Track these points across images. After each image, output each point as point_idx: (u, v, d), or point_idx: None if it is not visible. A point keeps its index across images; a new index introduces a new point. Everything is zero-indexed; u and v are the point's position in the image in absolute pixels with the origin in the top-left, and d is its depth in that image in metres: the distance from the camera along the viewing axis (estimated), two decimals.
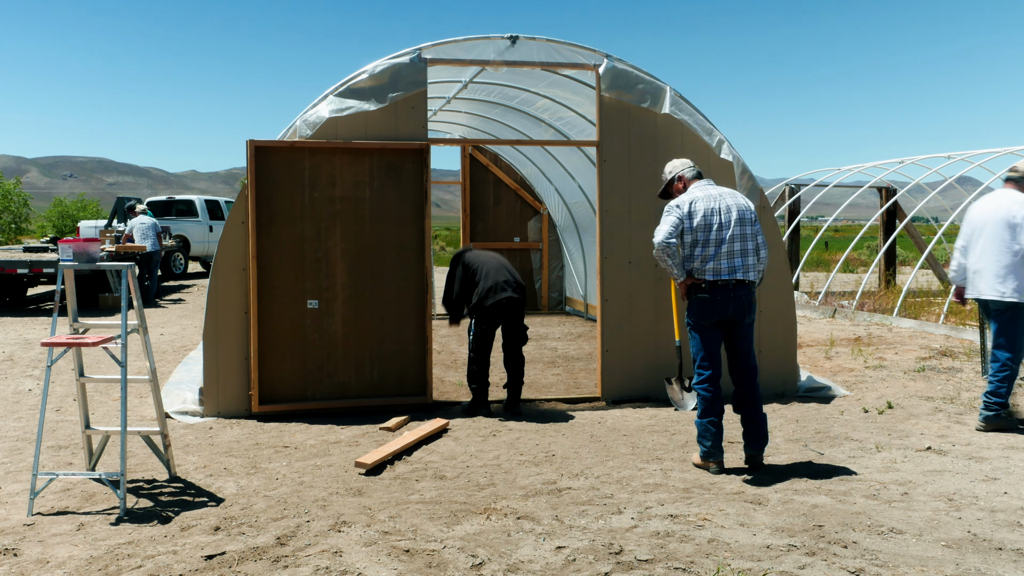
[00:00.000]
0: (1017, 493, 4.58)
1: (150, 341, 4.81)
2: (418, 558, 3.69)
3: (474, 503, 4.44)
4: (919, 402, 6.85)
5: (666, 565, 3.63)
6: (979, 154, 15.27)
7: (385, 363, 6.73)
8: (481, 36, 6.98)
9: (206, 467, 5.11)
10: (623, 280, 7.03)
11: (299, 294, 6.58)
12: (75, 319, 4.74)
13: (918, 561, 3.66)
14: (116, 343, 4.57)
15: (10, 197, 32.19)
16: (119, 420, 6.32)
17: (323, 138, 6.55)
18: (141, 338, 4.74)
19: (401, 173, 6.75)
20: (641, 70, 7.05)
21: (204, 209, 21.11)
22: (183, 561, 3.66)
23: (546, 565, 3.63)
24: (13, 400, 7.05)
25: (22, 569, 3.60)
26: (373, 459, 5.08)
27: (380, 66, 6.67)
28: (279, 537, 3.94)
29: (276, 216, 6.51)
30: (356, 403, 6.64)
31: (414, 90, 6.71)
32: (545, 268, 13.64)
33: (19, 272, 13.05)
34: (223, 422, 6.24)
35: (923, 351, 9.23)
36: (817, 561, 3.66)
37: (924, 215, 29.81)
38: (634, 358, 7.01)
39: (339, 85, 6.68)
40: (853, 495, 4.55)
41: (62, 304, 4.69)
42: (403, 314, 6.76)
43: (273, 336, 6.51)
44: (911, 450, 5.46)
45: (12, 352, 9.41)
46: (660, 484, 4.76)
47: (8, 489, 4.68)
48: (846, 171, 17.49)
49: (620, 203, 7.02)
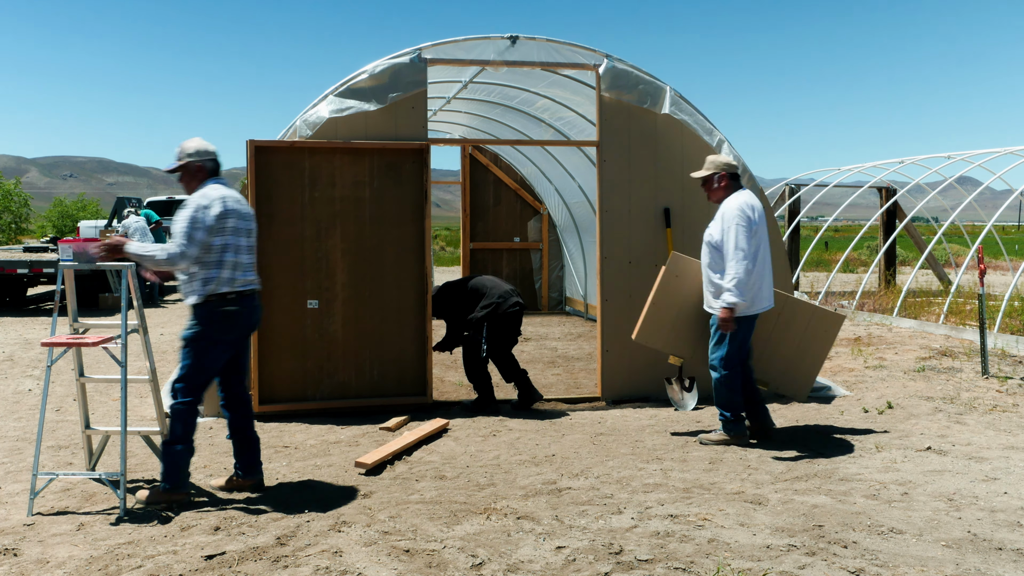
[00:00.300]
0: (1017, 493, 4.58)
1: (150, 341, 4.81)
2: (418, 558, 3.69)
3: (474, 503, 4.44)
4: (919, 402, 6.85)
5: (666, 565, 3.62)
6: (979, 154, 15.27)
7: (385, 363, 6.73)
8: (481, 36, 6.98)
9: (206, 467, 5.10)
10: (623, 280, 7.03)
11: (299, 294, 6.57)
12: (75, 319, 4.74)
13: (918, 561, 3.66)
14: (116, 343, 4.57)
15: (11, 197, 32.19)
16: (119, 420, 6.32)
17: (323, 138, 6.55)
18: (141, 338, 4.74)
19: (401, 173, 6.75)
20: (641, 70, 7.05)
21: None
22: (183, 561, 3.66)
23: (546, 565, 3.63)
24: (13, 400, 7.05)
25: (22, 569, 3.60)
26: (373, 459, 5.08)
27: (380, 66, 6.67)
28: (279, 537, 3.94)
29: (276, 216, 6.51)
30: (356, 403, 6.64)
31: (414, 90, 6.70)
32: (545, 268, 13.64)
33: (19, 272, 13.05)
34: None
35: (923, 351, 9.23)
36: (817, 561, 3.66)
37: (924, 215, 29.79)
38: (634, 358, 7.01)
39: (339, 85, 6.68)
40: (853, 495, 4.55)
41: (62, 304, 4.67)
42: (403, 314, 6.76)
43: (273, 336, 6.50)
44: (911, 450, 5.46)
45: (12, 352, 9.41)
46: (660, 484, 4.76)
47: (8, 489, 4.68)
48: (846, 171, 17.49)
49: (620, 203, 7.02)
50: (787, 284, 7.23)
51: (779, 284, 7.18)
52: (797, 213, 16.81)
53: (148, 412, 6.58)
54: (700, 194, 7.08)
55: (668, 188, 7.06)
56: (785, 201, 16.82)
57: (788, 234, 16.19)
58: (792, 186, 17.25)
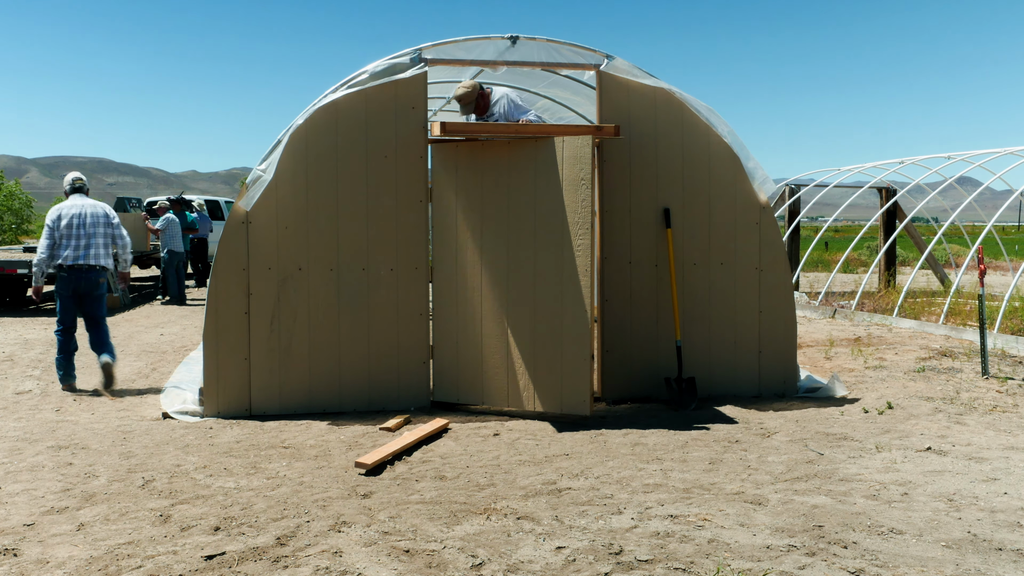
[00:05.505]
0: (1017, 493, 4.58)
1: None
2: (418, 558, 3.69)
3: (474, 503, 4.44)
4: (919, 402, 6.85)
5: (666, 565, 3.63)
6: (979, 154, 15.27)
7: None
8: (481, 36, 6.98)
9: (206, 467, 5.10)
10: (623, 280, 7.03)
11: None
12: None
13: (918, 561, 3.66)
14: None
15: (13, 197, 32.23)
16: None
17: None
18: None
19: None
20: (641, 70, 7.05)
21: (204, 209, 21.13)
22: (183, 561, 3.66)
23: (546, 565, 3.63)
24: (13, 400, 7.05)
25: (22, 569, 3.60)
26: (373, 459, 5.08)
27: (380, 66, 6.67)
28: (279, 537, 3.94)
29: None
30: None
31: (414, 90, 6.70)
32: None
33: (19, 272, 13.06)
34: (223, 422, 6.24)
35: (923, 351, 9.23)
36: (817, 561, 3.66)
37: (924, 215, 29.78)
38: (634, 358, 7.01)
39: (340, 84, 6.68)
40: (853, 495, 4.55)
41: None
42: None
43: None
44: (911, 450, 5.46)
45: (12, 352, 9.41)
46: (660, 484, 4.76)
47: (8, 489, 4.68)
48: (846, 171, 17.49)
49: (620, 203, 7.02)
50: (787, 284, 7.23)
51: (779, 284, 7.19)
52: (797, 213, 16.82)
53: (148, 412, 6.59)
54: (701, 194, 7.11)
55: (668, 188, 7.06)
56: (785, 201, 16.82)
57: (788, 234, 16.20)
58: (792, 186, 17.25)
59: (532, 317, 6.42)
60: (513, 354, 6.48)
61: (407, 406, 6.69)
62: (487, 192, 6.57)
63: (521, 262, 6.47)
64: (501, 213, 6.53)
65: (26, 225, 33.95)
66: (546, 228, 6.38)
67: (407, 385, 6.72)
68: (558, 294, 6.32)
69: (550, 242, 6.36)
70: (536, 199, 6.42)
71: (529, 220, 6.44)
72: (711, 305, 7.11)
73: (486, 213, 6.58)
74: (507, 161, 6.51)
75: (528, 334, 6.43)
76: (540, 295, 6.40)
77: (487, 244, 6.57)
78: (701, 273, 7.10)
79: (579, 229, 6.25)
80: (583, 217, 6.24)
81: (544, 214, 6.38)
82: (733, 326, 7.12)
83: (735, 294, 7.13)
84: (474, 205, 6.61)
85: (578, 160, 6.24)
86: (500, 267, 6.53)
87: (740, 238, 7.11)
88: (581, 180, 6.24)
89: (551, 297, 6.35)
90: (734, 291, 7.12)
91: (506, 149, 6.52)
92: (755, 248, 7.13)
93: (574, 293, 6.25)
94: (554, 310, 6.34)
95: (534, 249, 6.43)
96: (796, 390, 7.22)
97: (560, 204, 6.31)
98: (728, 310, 7.12)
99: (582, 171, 6.23)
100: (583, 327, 6.23)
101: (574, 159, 6.26)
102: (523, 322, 6.45)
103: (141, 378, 8.04)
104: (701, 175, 7.07)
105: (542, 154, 6.38)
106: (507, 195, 6.51)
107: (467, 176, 6.64)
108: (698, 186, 7.08)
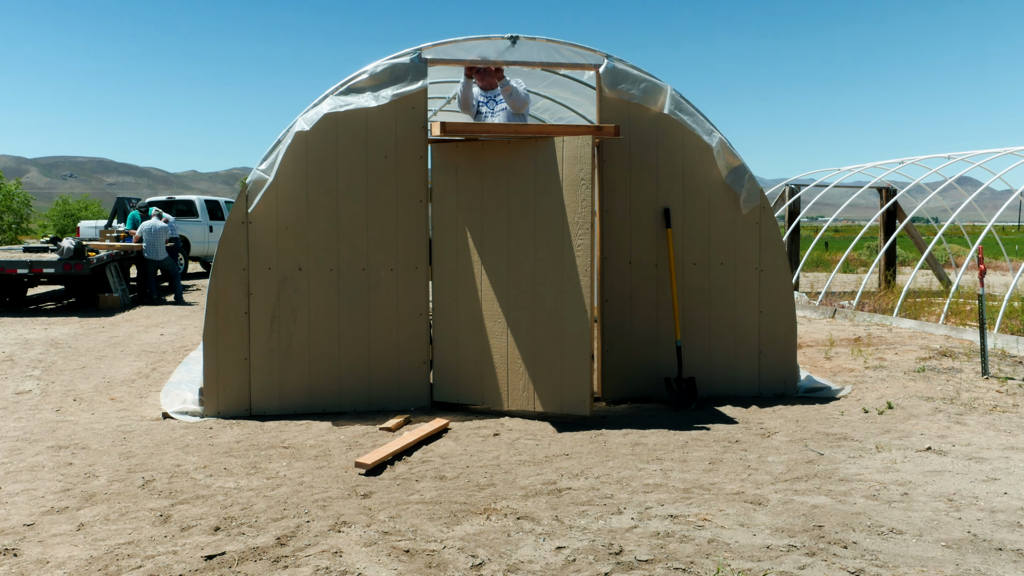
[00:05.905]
0: (1017, 493, 4.58)
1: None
2: (418, 558, 3.69)
3: (474, 503, 4.43)
4: (919, 402, 6.85)
5: (666, 565, 3.63)
6: (979, 154, 15.27)
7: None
8: (481, 36, 6.98)
9: (206, 467, 5.10)
10: (623, 280, 7.03)
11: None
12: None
13: (918, 561, 3.66)
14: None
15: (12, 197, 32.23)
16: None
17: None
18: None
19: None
20: (641, 70, 7.05)
21: (204, 209, 21.17)
22: (183, 561, 3.66)
23: (546, 565, 3.63)
24: (13, 400, 7.05)
25: (22, 569, 3.60)
26: (373, 459, 5.08)
27: (380, 66, 6.67)
28: (279, 537, 3.94)
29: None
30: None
31: (414, 90, 6.70)
32: None
33: (19, 272, 13.06)
34: (223, 422, 6.24)
35: (923, 351, 9.23)
36: (817, 561, 3.66)
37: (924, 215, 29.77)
38: (634, 358, 7.01)
39: (340, 85, 6.68)
40: (853, 495, 4.55)
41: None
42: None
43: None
44: (911, 450, 5.46)
45: (12, 352, 9.41)
46: (660, 484, 4.76)
47: (8, 489, 4.68)
48: (846, 171, 17.49)
49: (620, 203, 7.02)
50: (787, 284, 7.23)
51: (779, 284, 7.19)
52: (797, 213, 16.82)
53: (148, 412, 6.59)
54: (701, 195, 7.11)
55: (668, 188, 7.06)
56: (785, 201, 16.82)
57: (788, 234, 16.20)
58: (792, 186, 17.25)
59: (532, 317, 6.42)
60: (513, 354, 6.48)
61: (407, 406, 6.70)
62: (487, 192, 6.57)
63: (521, 262, 6.47)
64: (501, 213, 6.53)
65: (25, 224, 33.95)
66: (546, 228, 6.38)
67: (407, 385, 6.72)
68: (558, 294, 6.32)
69: (550, 242, 6.36)
70: (536, 199, 6.42)
71: (529, 220, 6.45)
72: (711, 305, 7.11)
73: (486, 213, 6.58)
74: (507, 161, 6.52)
75: (528, 334, 6.43)
76: (540, 295, 6.40)
77: (487, 244, 6.57)
78: (701, 273, 7.10)
79: (579, 229, 6.25)
80: (583, 217, 6.24)
81: (544, 214, 6.38)
82: (733, 326, 7.13)
83: (735, 294, 7.13)
84: (474, 205, 6.62)
85: (578, 160, 6.25)
86: (500, 267, 6.54)
87: (740, 238, 7.12)
88: (581, 180, 6.24)
89: (551, 297, 6.35)
90: (734, 291, 7.13)
91: (506, 149, 6.52)
92: (755, 248, 7.13)
93: (574, 293, 6.25)
94: (554, 310, 6.34)
95: (534, 249, 6.43)
96: (796, 390, 7.22)
97: (560, 204, 6.31)
98: (728, 310, 7.12)
99: (582, 171, 6.24)
100: (583, 327, 6.23)
101: (574, 159, 6.26)
102: (523, 322, 6.45)
103: (141, 378, 8.04)
104: (701, 175, 7.07)
105: (542, 154, 6.38)
106: (507, 195, 6.52)
107: (467, 176, 6.64)
108: (698, 186, 7.08)
